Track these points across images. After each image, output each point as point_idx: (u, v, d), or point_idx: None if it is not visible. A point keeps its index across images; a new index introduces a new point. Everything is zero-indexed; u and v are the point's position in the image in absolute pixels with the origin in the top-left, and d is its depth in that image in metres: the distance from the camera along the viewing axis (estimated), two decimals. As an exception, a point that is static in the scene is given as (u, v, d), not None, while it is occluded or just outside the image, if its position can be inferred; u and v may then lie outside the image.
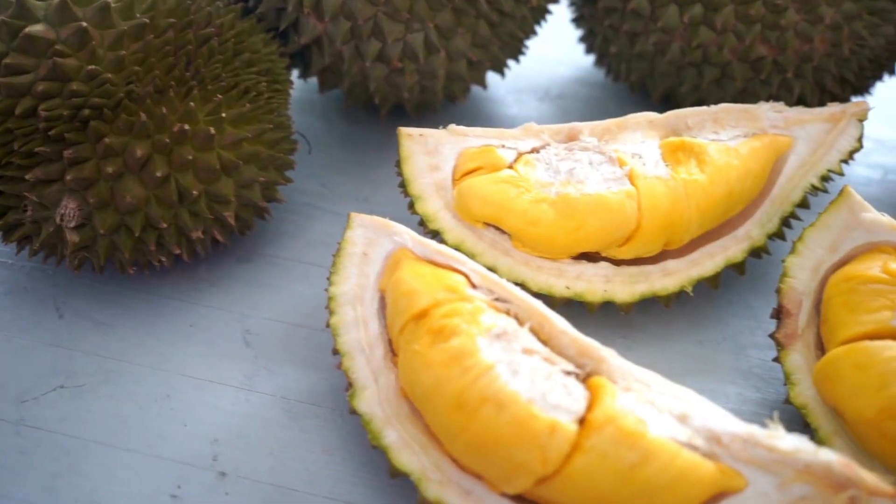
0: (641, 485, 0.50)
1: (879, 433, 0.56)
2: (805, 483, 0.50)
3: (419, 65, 0.78)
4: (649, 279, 0.70)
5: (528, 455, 0.50)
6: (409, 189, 0.70)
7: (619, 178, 0.67)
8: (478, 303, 0.56)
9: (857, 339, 0.59)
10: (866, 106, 0.73)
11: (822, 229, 0.66)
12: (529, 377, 0.52)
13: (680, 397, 0.54)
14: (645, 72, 0.87)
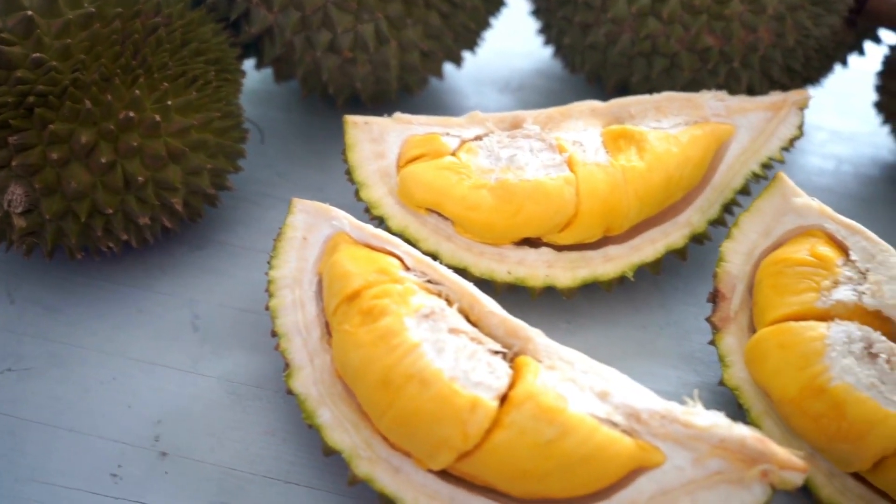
0: (559, 459, 0.51)
1: (801, 411, 0.57)
2: (720, 458, 0.51)
3: (370, 55, 0.79)
4: (591, 264, 0.71)
5: (449, 430, 0.52)
6: (353, 176, 0.71)
7: (559, 165, 0.69)
8: (409, 284, 0.58)
9: (782, 321, 0.60)
10: (807, 95, 0.75)
11: (756, 215, 0.67)
12: (454, 356, 0.54)
13: (602, 376, 0.55)
14: (598, 63, 0.88)
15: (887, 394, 0.54)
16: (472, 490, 0.54)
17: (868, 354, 0.56)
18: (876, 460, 0.55)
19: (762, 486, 0.50)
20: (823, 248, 0.61)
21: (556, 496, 0.53)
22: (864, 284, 0.59)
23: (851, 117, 1.02)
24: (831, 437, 0.56)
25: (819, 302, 0.59)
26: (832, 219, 0.63)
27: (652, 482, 0.52)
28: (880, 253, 0.60)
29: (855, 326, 0.57)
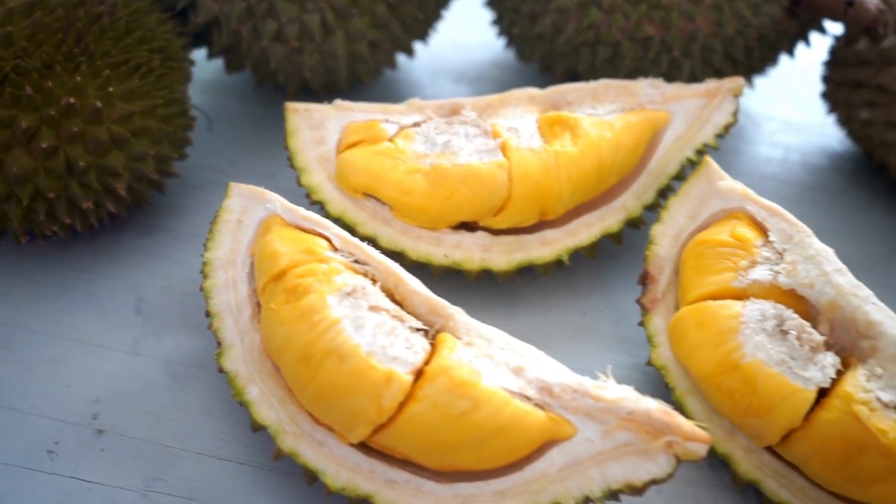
0: (471, 431, 0.52)
1: (716, 388, 0.59)
2: (628, 430, 0.52)
3: (317, 45, 0.80)
4: (527, 248, 0.72)
5: (365, 403, 0.53)
6: (294, 162, 0.73)
7: (492, 150, 0.70)
8: (334, 264, 0.59)
9: (701, 300, 0.61)
10: (741, 82, 0.76)
11: (684, 198, 0.68)
12: (372, 332, 0.55)
13: (518, 352, 0.56)
14: (546, 52, 0.89)
15: (796, 369, 0.56)
16: (391, 463, 0.56)
17: (780, 332, 0.57)
18: (784, 434, 0.56)
19: (667, 457, 0.52)
20: (743, 230, 0.63)
21: (471, 468, 0.54)
22: (781, 264, 0.60)
23: (803, 108, 1.03)
24: (744, 411, 0.57)
25: (736, 281, 0.61)
26: (754, 201, 0.64)
27: (563, 454, 0.53)
28: (797, 234, 0.61)
29: (769, 305, 0.59)
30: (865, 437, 0.52)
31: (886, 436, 0.52)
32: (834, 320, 0.58)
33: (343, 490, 0.55)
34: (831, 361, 0.56)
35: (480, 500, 0.54)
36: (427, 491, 0.55)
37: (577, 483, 0.53)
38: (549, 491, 0.53)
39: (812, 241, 0.61)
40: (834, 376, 0.55)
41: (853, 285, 0.58)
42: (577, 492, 0.53)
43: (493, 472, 0.54)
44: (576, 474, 0.53)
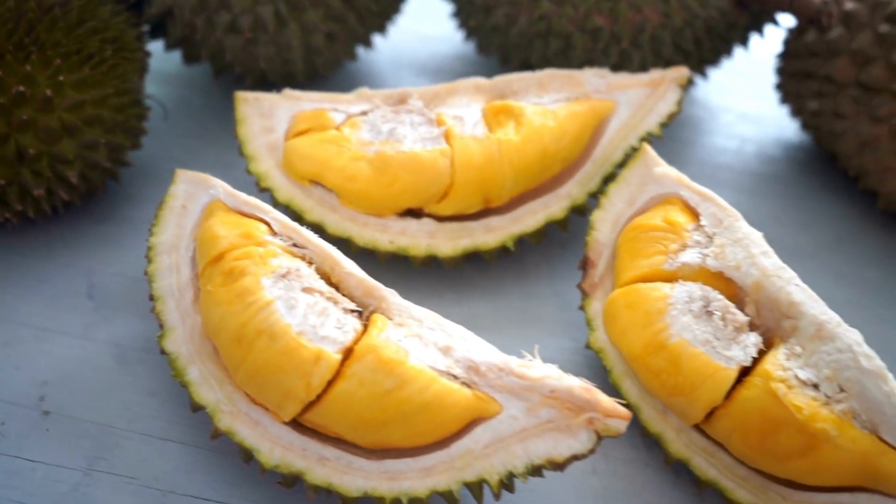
0: (397, 408, 0.54)
1: (645, 368, 0.60)
2: (550, 407, 0.54)
3: (271, 36, 0.82)
4: (472, 235, 0.73)
5: (294, 382, 0.54)
6: (243, 150, 0.74)
7: (436, 138, 0.71)
8: (271, 247, 0.60)
9: (633, 282, 0.63)
10: (685, 72, 0.77)
11: (622, 185, 0.69)
12: (304, 312, 0.56)
13: (448, 332, 0.58)
14: (501, 44, 0.90)
15: (720, 349, 0.57)
16: (323, 441, 0.57)
17: (706, 313, 0.59)
18: (707, 412, 0.57)
19: (588, 433, 0.53)
20: (675, 215, 0.64)
21: (399, 445, 0.55)
22: (710, 248, 0.62)
23: (761, 100, 1.04)
24: (670, 390, 0.58)
25: (666, 264, 0.62)
26: (688, 187, 0.65)
27: (488, 431, 0.55)
28: (727, 218, 0.63)
29: (697, 287, 0.60)
30: (782, 413, 0.53)
31: (801, 412, 0.53)
32: (759, 301, 0.59)
33: (276, 467, 0.57)
34: (753, 341, 0.57)
35: (408, 476, 0.55)
36: (357, 468, 0.56)
37: (501, 459, 0.54)
38: (474, 467, 0.54)
39: (741, 225, 0.62)
40: (755, 355, 0.57)
41: (777, 267, 0.59)
42: (502, 467, 0.54)
43: (421, 449, 0.56)
44: (500, 451, 0.54)
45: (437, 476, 0.55)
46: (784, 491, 0.57)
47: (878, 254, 0.86)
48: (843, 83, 0.83)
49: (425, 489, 0.54)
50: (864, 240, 0.87)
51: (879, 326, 0.79)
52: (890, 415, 0.52)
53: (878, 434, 0.53)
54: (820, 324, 0.56)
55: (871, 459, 0.52)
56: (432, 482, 0.55)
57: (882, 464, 0.52)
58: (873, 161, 0.82)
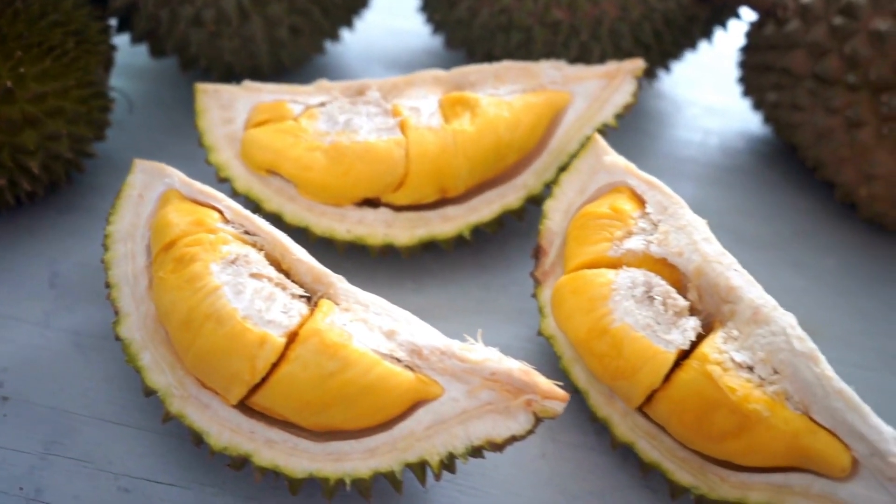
0: (339, 390, 0.55)
1: (589, 352, 0.61)
2: (490, 389, 0.55)
3: (235, 29, 0.83)
4: (429, 224, 0.74)
5: (240, 365, 0.55)
6: (202, 140, 0.75)
7: (391, 128, 0.72)
8: (222, 234, 0.61)
9: (579, 269, 0.64)
10: (641, 64, 0.78)
11: (574, 173, 0.71)
12: (250, 297, 0.57)
13: (394, 317, 0.59)
14: (465, 37, 0.92)
15: (660, 333, 0.58)
16: (270, 424, 0.58)
17: (648, 298, 0.60)
18: (647, 394, 0.58)
19: (526, 415, 0.54)
20: (622, 202, 0.65)
21: (343, 427, 0.57)
22: (655, 234, 0.63)
23: (727, 93, 1.05)
24: (612, 374, 0.60)
25: (612, 251, 0.63)
26: (635, 175, 0.66)
27: (430, 413, 0.56)
28: (672, 206, 0.64)
29: (640, 272, 0.61)
30: (717, 395, 0.55)
31: (735, 393, 0.54)
32: (701, 286, 0.60)
33: (225, 450, 0.58)
34: (692, 325, 0.58)
35: (352, 457, 0.56)
36: (303, 450, 0.57)
37: (442, 440, 0.55)
38: (415, 448, 0.55)
39: (684, 212, 0.63)
40: (693, 339, 0.58)
41: (718, 253, 0.60)
42: (442, 448, 0.55)
43: (365, 431, 0.57)
44: (441, 432, 0.55)
45: (379, 457, 0.56)
46: (722, 472, 0.58)
47: (836, 244, 0.87)
48: (799, 75, 0.84)
49: (368, 470, 0.56)
50: (823, 230, 0.88)
51: (834, 313, 0.80)
52: (820, 396, 0.53)
53: (809, 415, 0.54)
54: (756, 308, 0.57)
55: (802, 439, 0.53)
56: (375, 463, 0.56)
57: (812, 443, 0.53)
58: (829, 152, 0.83)
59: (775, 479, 0.55)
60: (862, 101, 0.78)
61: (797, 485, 0.54)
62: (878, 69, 0.77)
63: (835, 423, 0.53)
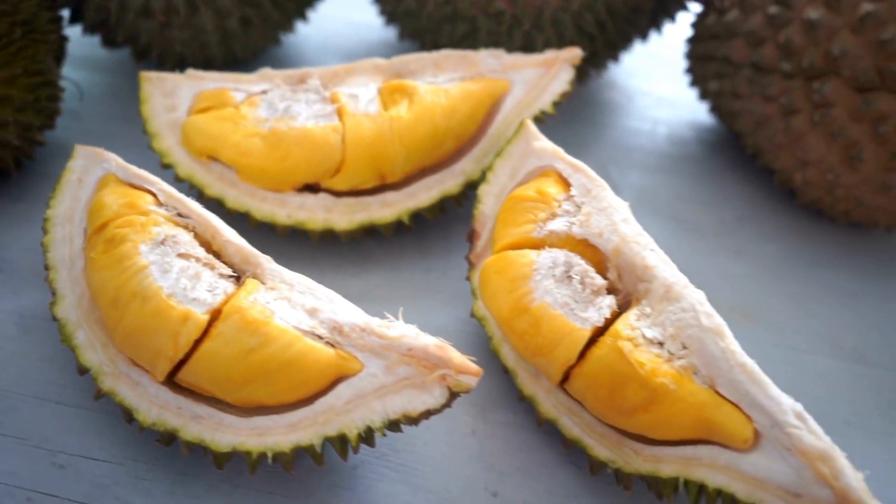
0: (260, 366, 0.56)
1: (511, 330, 0.62)
2: (407, 365, 0.56)
3: (184, 20, 0.84)
4: (368, 209, 0.76)
5: (164, 341, 0.57)
6: (146, 127, 0.76)
7: (328, 115, 0.74)
8: (153, 216, 0.63)
9: (504, 250, 0.65)
10: (578, 52, 0.80)
11: (506, 158, 0.72)
12: (176, 276, 0.59)
13: (317, 296, 0.60)
14: (415, 28, 0.93)
15: (577, 311, 0.60)
16: (197, 400, 0.59)
17: (567, 277, 0.61)
18: (564, 370, 0.60)
19: (441, 389, 0.55)
20: (548, 186, 0.66)
21: (267, 402, 0.58)
22: (577, 216, 0.64)
23: (679, 84, 1.07)
24: (532, 351, 0.61)
25: (535, 232, 0.64)
26: (562, 159, 0.68)
27: (349, 388, 0.57)
28: (595, 188, 0.65)
29: (562, 253, 0.62)
30: (627, 370, 0.56)
31: (644, 368, 0.55)
32: (619, 266, 0.62)
33: (154, 425, 0.59)
34: (608, 303, 0.60)
35: (274, 432, 0.58)
36: (228, 424, 0.58)
37: (360, 414, 0.56)
38: (335, 422, 0.57)
39: (606, 195, 0.64)
40: (608, 316, 0.59)
41: (636, 234, 0.62)
42: (361, 422, 0.56)
43: (289, 406, 0.58)
44: (360, 406, 0.57)
45: (300, 431, 0.57)
46: (636, 446, 0.59)
47: (776, 230, 0.88)
48: (739, 64, 0.85)
49: (289, 444, 0.57)
50: (764, 216, 0.90)
51: (772, 298, 0.81)
52: (725, 369, 0.55)
53: (715, 388, 0.55)
54: (669, 285, 0.58)
55: (708, 412, 0.55)
56: (296, 437, 0.57)
57: (717, 416, 0.55)
58: (766, 139, 0.85)
59: (685, 452, 0.57)
60: (796, 88, 0.80)
61: (704, 457, 0.56)
62: (810, 57, 0.78)
63: (738, 395, 0.54)
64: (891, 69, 0.74)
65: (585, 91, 1.04)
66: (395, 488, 0.63)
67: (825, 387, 0.75)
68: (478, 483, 0.64)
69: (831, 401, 0.73)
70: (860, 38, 0.75)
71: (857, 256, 0.86)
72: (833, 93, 0.77)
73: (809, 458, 0.51)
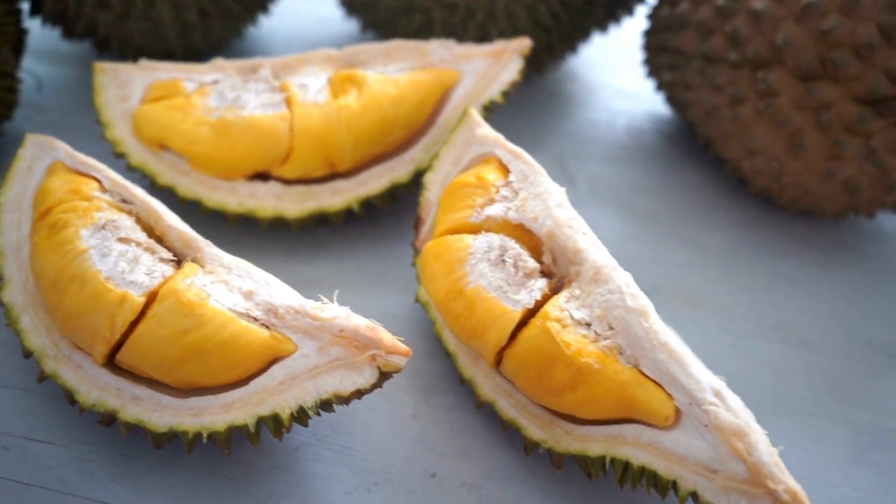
0: (194, 346, 0.57)
1: (447, 313, 0.64)
2: (339, 345, 0.57)
3: (142, 12, 0.85)
4: (318, 198, 0.77)
5: (101, 323, 0.58)
6: (99, 117, 0.77)
7: (277, 104, 0.75)
8: (96, 202, 0.64)
9: (443, 235, 0.66)
10: (527, 42, 0.81)
11: (450, 146, 0.73)
12: (115, 260, 0.60)
13: (254, 279, 0.61)
14: (373, 20, 0.94)
15: (510, 293, 0.61)
16: (137, 381, 0.60)
17: (502, 261, 0.62)
18: (496, 352, 0.61)
19: (371, 369, 0.57)
20: (488, 172, 0.68)
21: (203, 384, 0.59)
22: (514, 201, 0.65)
23: (640, 76, 1.08)
24: (468, 334, 0.62)
25: (473, 217, 0.66)
26: (502, 146, 0.69)
27: (283, 368, 0.58)
28: (532, 174, 0.66)
29: (498, 237, 0.64)
30: (555, 350, 0.57)
31: (570, 348, 0.57)
32: (553, 250, 0.63)
33: (94, 406, 0.60)
34: (540, 286, 0.61)
35: (210, 412, 0.59)
36: (166, 405, 0.60)
37: (293, 394, 0.58)
38: (269, 402, 0.58)
39: (543, 180, 0.65)
40: (539, 298, 0.60)
41: (569, 218, 0.63)
42: (293, 402, 0.57)
43: (225, 387, 0.59)
44: (293, 386, 0.58)
45: (235, 411, 0.58)
46: (567, 426, 0.60)
47: (726, 218, 0.89)
48: (690, 55, 0.87)
49: (224, 423, 0.58)
50: (716, 206, 0.91)
51: (717, 285, 0.82)
52: (648, 349, 0.56)
53: (639, 368, 0.56)
54: (598, 268, 0.59)
55: (631, 390, 0.56)
56: (231, 417, 0.58)
57: (640, 394, 0.56)
58: (716, 129, 0.86)
59: (611, 431, 0.58)
60: (742, 78, 0.81)
61: (629, 435, 0.57)
62: (755, 47, 0.79)
63: (660, 374, 0.55)
64: (832, 58, 0.75)
65: (546, 83, 1.05)
66: (335, 469, 0.64)
67: (769, 371, 0.76)
68: (417, 464, 0.65)
69: (774, 385, 0.74)
70: (803, 28, 0.76)
71: (804, 244, 0.87)
72: (777, 82, 0.78)
73: (725, 435, 0.52)
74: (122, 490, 0.62)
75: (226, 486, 0.62)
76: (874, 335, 0.79)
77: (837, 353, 0.77)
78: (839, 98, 0.76)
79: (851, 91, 0.75)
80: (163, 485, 0.62)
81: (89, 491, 0.61)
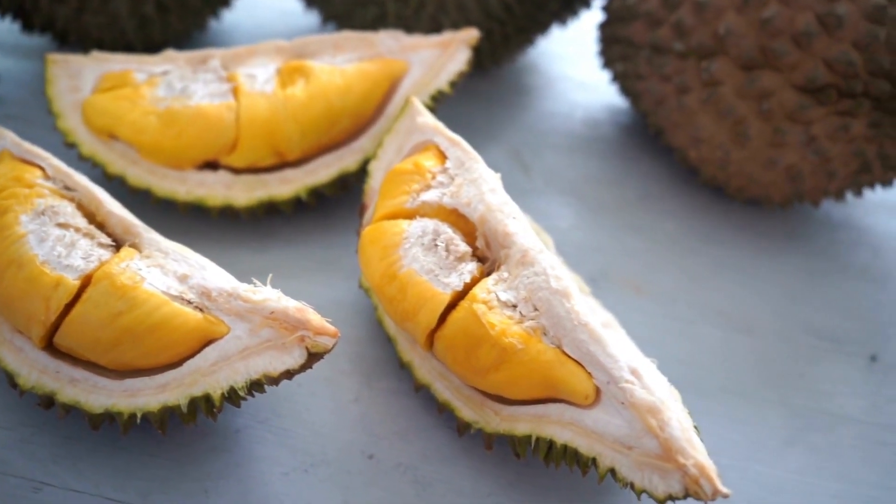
0: (127, 329, 0.58)
1: (382, 296, 0.65)
2: (270, 327, 0.58)
3: (98, 5, 0.86)
4: (267, 186, 0.78)
5: (37, 306, 0.59)
6: (50, 108, 0.79)
7: (224, 94, 0.76)
8: (38, 189, 0.65)
9: (380, 220, 0.67)
10: (475, 33, 0.82)
11: (393, 135, 0.74)
12: (52, 244, 0.61)
13: (190, 263, 0.62)
14: (331, 13, 0.95)
15: (441, 277, 0.62)
16: (75, 364, 0.62)
17: (435, 245, 0.63)
18: (427, 333, 0.62)
19: (300, 350, 0.58)
20: (425, 159, 0.69)
21: (137, 365, 0.60)
22: (450, 187, 0.66)
23: (599, 69, 1.09)
24: (401, 316, 0.63)
25: (409, 203, 0.67)
26: (441, 134, 0.70)
27: (216, 350, 0.59)
28: (469, 161, 0.67)
29: (432, 222, 0.65)
30: (481, 331, 0.58)
31: (495, 328, 0.58)
32: (486, 234, 0.64)
33: (33, 388, 0.61)
34: (469, 269, 0.62)
35: (144, 393, 0.60)
36: (102, 387, 0.61)
37: (225, 375, 0.59)
38: (201, 383, 0.59)
39: (478, 167, 0.66)
40: (468, 281, 0.61)
41: (501, 203, 0.64)
42: (225, 383, 0.59)
43: (160, 368, 0.60)
44: (225, 368, 0.59)
45: (168, 392, 0.59)
46: (496, 406, 0.61)
47: (677, 208, 0.90)
48: (639, 45, 0.88)
49: (157, 404, 0.59)
50: (668, 195, 0.92)
51: (665, 273, 0.83)
52: (569, 329, 0.57)
53: (561, 348, 0.57)
54: (525, 251, 0.60)
55: (554, 370, 0.57)
56: (164, 398, 0.59)
57: (562, 374, 0.57)
58: (665, 118, 0.87)
59: (536, 410, 0.59)
60: (688, 68, 0.82)
61: (553, 414, 0.58)
62: (699, 37, 0.80)
63: (580, 353, 0.56)
64: (772, 47, 0.76)
65: (506, 75, 1.06)
66: (274, 451, 0.66)
67: (711, 356, 0.77)
68: (355, 446, 0.66)
69: (716, 369, 0.75)
70: (744, 18, 0.77)
71: (750, 232, 0.88)
72: (720, 71, 0.79)
73: (640, 412, 0.53)
74: (63, 471, 0.63)
75: (165, 466, 0.64)
76: (815, 321, 0.80)
77: (779, 338, 0.78)
78: (780, 86, 0.77)
79: (791, 79, 0.76)
80: (103, 466, 0.63)
81: (30, 472, 0.63)
